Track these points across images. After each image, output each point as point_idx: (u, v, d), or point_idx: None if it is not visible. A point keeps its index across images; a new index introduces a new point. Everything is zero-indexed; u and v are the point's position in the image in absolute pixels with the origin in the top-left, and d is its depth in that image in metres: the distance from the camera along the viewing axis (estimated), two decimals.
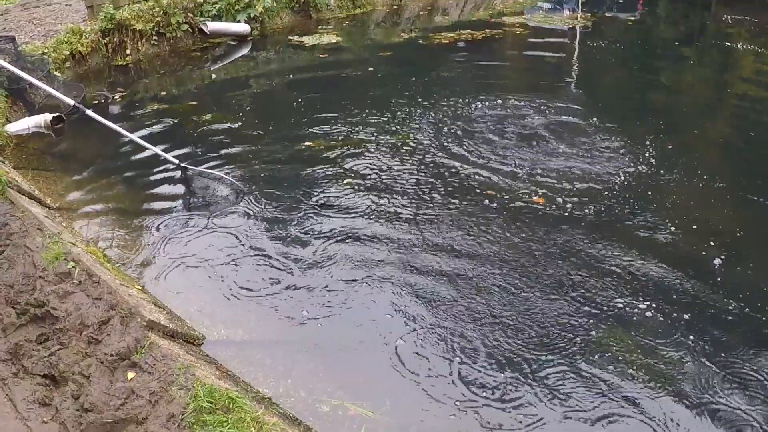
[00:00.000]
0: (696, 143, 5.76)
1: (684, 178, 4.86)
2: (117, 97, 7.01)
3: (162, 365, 2.61)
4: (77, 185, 4.95)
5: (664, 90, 7.40)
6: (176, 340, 3.02)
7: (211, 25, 8.92)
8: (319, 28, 9.94)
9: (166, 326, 3.00)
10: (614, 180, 4.81)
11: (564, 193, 4.63)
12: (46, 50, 7.11)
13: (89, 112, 4.82)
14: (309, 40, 9.17)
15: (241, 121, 6.24)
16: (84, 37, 7.68)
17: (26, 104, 6.35)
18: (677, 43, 9.65)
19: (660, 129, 5.80)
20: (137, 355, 2.66)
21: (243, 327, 3.40)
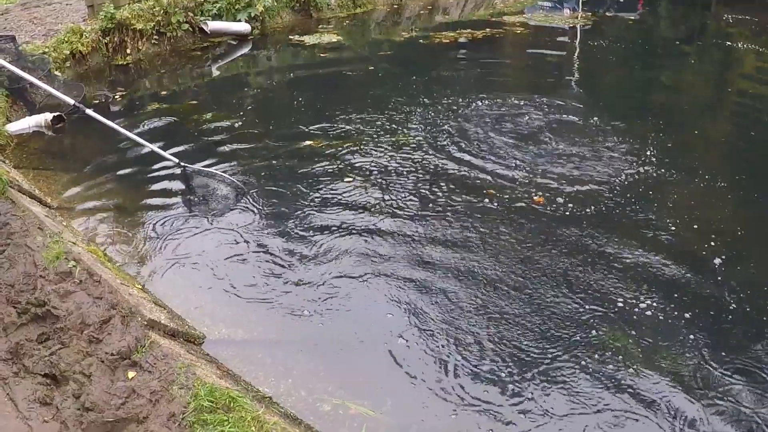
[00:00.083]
0: (696, 142, 5.76)
1: (684, 177, 4.86)
2: (117, 96, 7.00)
3: (163, 364, 2.61)
4: (78, 184, 4.95)
5: (664, 89, 7.40)
6: (177, 340, 3.02)
7: (212, 25, 8.92)
8: (320, 27, 9.93)
9: (166, 325, 3.00)
10: (615, 179, 4.81)
11: (564, 192, 4.62)
12: (47, 50, 7.11)
13: (89, 111, 4.81)
14: (309, 40, 9.17)
15: (242, 120, 6.23)
16: (84, 37, 7.67)
17: (27, 104, 6.35)
18: (678, 43, 9.65)
19: (660, 128, 5.80)
20: (138, 354, 2.66)
21: (243, 326, 3.40)
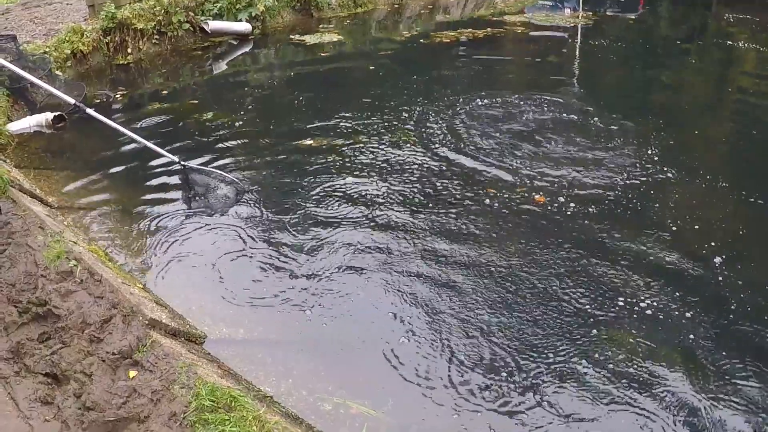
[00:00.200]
0: (697, 142, 5.76)
1: (685, 176, 4.86)
2: (118, 96, 7.01)
3: (164, 364, 2.61)
4: (78, 184, 4.95)
5: (665, 89, 7.40)
6: (178, 339, 3.03)
7: (213, 24, 8.92)
8: (321, 26, 9.94)
9: (167, 325, 3.00)
10: (615, 179, 4.81)
11: (565, 192, 4.62)
12: (48, 49, 7.11)
13: (90, 111, 4.80)
14: (310, 39, 9.18)
15: (242, 119, 6.24)
16: (85, 36, 7.68)
17: (28, 103, 6.35)
18: (678, 42, 9.64)
19: (661, 127, 5.80)
20: (139, 353, 2.67)
21: (244, 326, 3.40)
